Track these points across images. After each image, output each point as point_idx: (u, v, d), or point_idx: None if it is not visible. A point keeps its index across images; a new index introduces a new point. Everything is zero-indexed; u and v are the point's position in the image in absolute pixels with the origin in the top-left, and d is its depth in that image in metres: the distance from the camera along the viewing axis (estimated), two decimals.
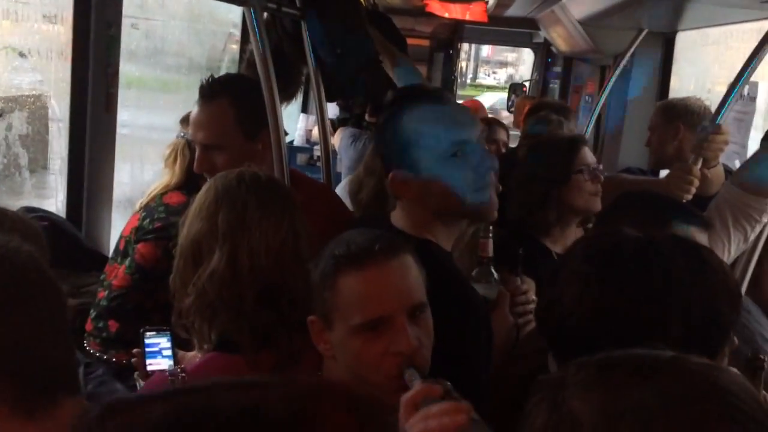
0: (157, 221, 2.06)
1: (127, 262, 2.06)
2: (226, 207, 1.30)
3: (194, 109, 1.79)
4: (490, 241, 1.54)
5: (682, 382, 0.67)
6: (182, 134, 2.20)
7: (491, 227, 1.53)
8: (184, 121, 2.21)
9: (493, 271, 1.56)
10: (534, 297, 1.65)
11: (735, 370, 0.71)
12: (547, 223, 2.04)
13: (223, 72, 3.96)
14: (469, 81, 19.76)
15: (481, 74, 22.12)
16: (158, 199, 2.11)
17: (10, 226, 1.24)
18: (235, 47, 3.87)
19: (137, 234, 2.06)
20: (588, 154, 2.07)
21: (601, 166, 2.10)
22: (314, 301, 1.18)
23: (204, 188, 1.37)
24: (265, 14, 2.14)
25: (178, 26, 3.40)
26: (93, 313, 2.07)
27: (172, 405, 0.51)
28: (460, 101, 7.32)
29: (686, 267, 1.00)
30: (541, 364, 1.10)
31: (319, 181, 2.46)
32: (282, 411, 0.51)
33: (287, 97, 2.62)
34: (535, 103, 3.77)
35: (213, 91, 1.75)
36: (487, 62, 23.08)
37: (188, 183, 2.09)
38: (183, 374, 1.22)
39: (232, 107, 1.74)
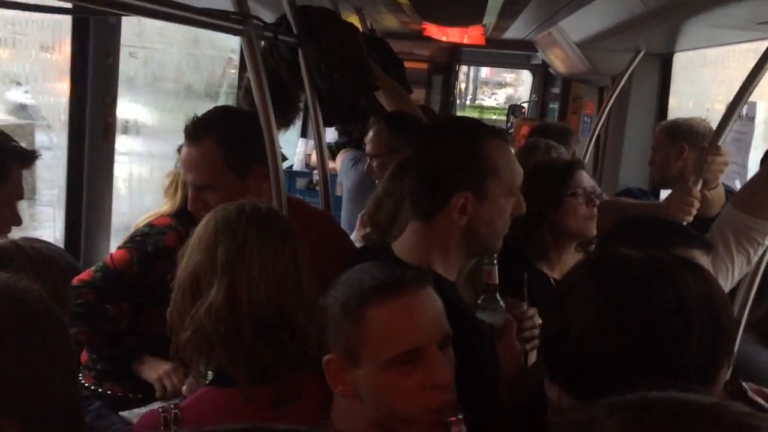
0: (138, 235, 2.08)
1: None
2: (226, 239, 1.28)
3: (183, 149, 1.78)
4: (495, 269, 1.53)
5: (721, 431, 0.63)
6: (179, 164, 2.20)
7: (495, 254, 1.53)
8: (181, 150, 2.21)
9: (498, 298, 1.55)
10: (540, 321, 1.63)
11: None
12: (544, 246, 2.02)
13: (222, 98, 3.98)
14: (468, 102, 19.83)
15: (480, 95, 22.22)
16: (147, 222, 2.13)
17: (22, 263, 1.23)
18: (234, 72, 3.88)
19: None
20: (584, 178, 2.06)
21: (599, 191, 2.08)
22: (331, 339, 1.12)
23: (204, 220, 1.35)
24: (262, 42, 2.14)
25: (176, 53, 3.41)
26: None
27: None
28: None
29: (693, 284, 1.00)
30: (542, 393, 1.08)
31: (318, 208, 2.45)
32: None
33: (286, 123, 2.62)
34: (536, 126, 3.73)
35: (198, 131, 1.73)
36: (486, 83, 23.20)
37: (180, 210, 2.09)
38: (176, 410, 1.19)
39: (220, 147, 1.72)
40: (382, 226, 1.94)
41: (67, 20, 2.21)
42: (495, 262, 1.54)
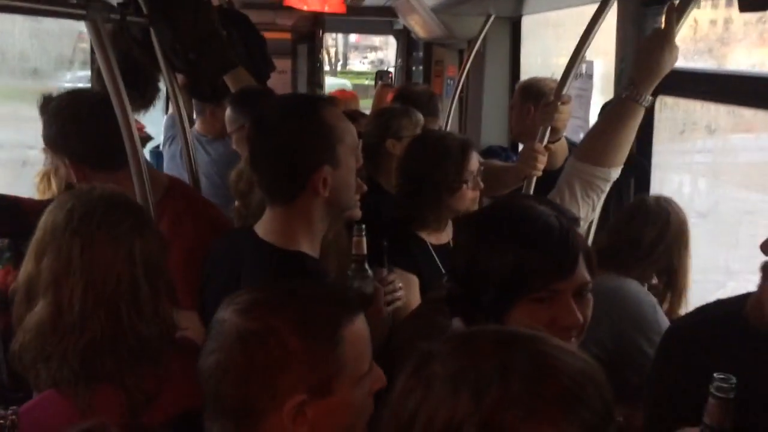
0: None
1: None
2: (51, 253, 1.22)
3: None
4: (364, 239, 1.62)
5: (526, 360, 0.76)
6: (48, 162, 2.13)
7: (364, 225, 1.62)
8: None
9: (367, 267, 1.65)
10: (400, 284, 1.76)
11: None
12: (427, 219, 2.16)
13: (75, 74, 3.78)
14: (339, 69, 19.80)
15: (351, 60, 22.22)
16: None
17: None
18: (86, 45, 3.68)
19: None
20: (474, 160, 2.18)
21: (481, 168, 2.20)
22: (292, 380, 1.03)
23: (44, 214, 1.27)
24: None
25: (18, 29, 3.18)
26: None
27: None
28: (330, 89, 7.36)
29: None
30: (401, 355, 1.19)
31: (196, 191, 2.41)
32: None
33: (145, 104, 2.57)
34: (397, 91, 3.75)
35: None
36: (356, 47, 23.19)
37: None
38: (14, 416, 1.15)
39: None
40: (244, 192, 2.00)
41: None
42: (363, 234, 1.62)
